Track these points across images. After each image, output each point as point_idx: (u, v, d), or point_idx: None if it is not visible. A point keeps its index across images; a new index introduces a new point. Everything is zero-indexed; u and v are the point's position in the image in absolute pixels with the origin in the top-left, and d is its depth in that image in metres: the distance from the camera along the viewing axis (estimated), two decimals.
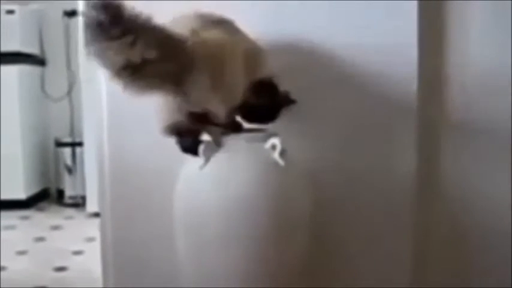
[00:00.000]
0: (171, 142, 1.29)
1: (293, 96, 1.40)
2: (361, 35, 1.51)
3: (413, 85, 1.51)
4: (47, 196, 4.09)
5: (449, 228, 1.59)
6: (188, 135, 1.26)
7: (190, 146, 1.27)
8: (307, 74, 1.52)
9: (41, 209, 3.79)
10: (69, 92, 4.06)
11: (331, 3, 1.51)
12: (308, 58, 1.52)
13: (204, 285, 1.28)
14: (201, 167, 1.25)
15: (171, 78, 1.15)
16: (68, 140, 3.95)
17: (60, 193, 3.97)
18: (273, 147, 1.26)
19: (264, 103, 1.36)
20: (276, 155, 1.25)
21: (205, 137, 1.28)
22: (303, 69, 1.51)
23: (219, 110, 1.23)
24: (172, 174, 1.35)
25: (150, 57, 1.09)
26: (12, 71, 3.66)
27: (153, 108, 1.25)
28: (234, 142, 1.28)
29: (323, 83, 1.53)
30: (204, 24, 1.23)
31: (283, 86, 1.39)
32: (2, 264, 2.51)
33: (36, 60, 3.97)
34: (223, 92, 1.22)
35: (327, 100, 1.54)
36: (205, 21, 1.25)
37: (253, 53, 1.33)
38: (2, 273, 2.43)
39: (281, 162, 1.25)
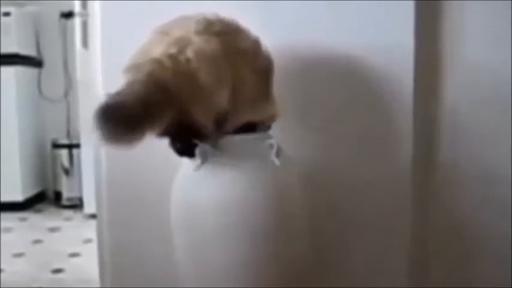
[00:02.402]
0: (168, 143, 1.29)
1: (290, 95, 1.40)
2: (358, 35, 1.51)
3: (410, 85, 1.51)
4: (44, 198, 4.09)
5: (449, 228, 1.59)
6: (180, 139, 1.26)
7: (185, 149, 1.26)
8: (304, 74, 1.52)
9: (38, 211, 3.79)
10: (66, 94, 4.06)
11: (328, 4, 1.51)
12: (305, 58, 1.52)
13: (202, 286, 1.28)
14: (197, 169, 1.25)
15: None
16: (65, 141, 3.95)
17: (58, 195, 3.96)
18: (270, 147, 1.26)
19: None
20: (272, 155, 1.25)
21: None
22: (300, 69, 1.52)
23: (204, 120, 1.20)
24: (169, 175, 1.35)
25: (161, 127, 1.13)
26: (9, 73, 3.66)
27: None
28: (230, 142, 1.27)
29: (320, 82, 1.53)
30: (203, 31, 1.21)
31: (282, 86, 1.39)
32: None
33: (33, 61, 3.96)
34: (205, 103, 1.19)
35: (323, 100, 1.54)
36: (205, 28, 1.22)
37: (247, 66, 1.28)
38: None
39: (277, 162, 1.25)
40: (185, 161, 1.30)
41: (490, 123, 1.56)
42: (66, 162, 3.90)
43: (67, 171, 3.89)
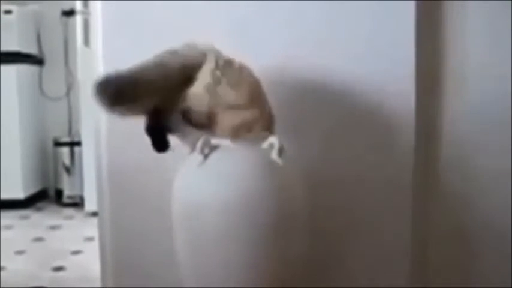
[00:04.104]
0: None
1: (292, 96, 1.40)
2: (358, 36, 1.51)
3: (411, 85, 1.51)
4: (45, 196, 4.09)
5: (449, 228, 1.59)
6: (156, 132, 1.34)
7: (159, 143, 1.34)
8: (305, 74, 1.52)
9: (39, 209, 3.79)
10: (68, 92, 4.06)
11: (328, 4, 1.51)
12: (306, 59, 1.52)
13: (203, 285, 1.29)
14: (200, 164, 1.25)
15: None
16: (66, 139, 3.95)
17: (59, 193, 3.96)
18: (271, 146, 1.26)
19: None
20: (274, 154, 1.25)
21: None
22: (301, 70, 1.52)
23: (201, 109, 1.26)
24: (171, 173, 1.35)
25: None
26: (10, 71, 3.66)
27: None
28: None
29: (321, 82, 1.53)
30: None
31: (284, 86, 1.39)
32: (0, 264, 2.51)
33: (35, 60, 3.96)
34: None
35: (325, 100, 1.54)
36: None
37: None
38: (0, 273, 2.43)
39: (279, 161, 1.25)
40: (186, 160, 1.30)
41: (490, 123, 1.56)
42: (67, 160, 3.90)
43: (68, 169, 3.89)
